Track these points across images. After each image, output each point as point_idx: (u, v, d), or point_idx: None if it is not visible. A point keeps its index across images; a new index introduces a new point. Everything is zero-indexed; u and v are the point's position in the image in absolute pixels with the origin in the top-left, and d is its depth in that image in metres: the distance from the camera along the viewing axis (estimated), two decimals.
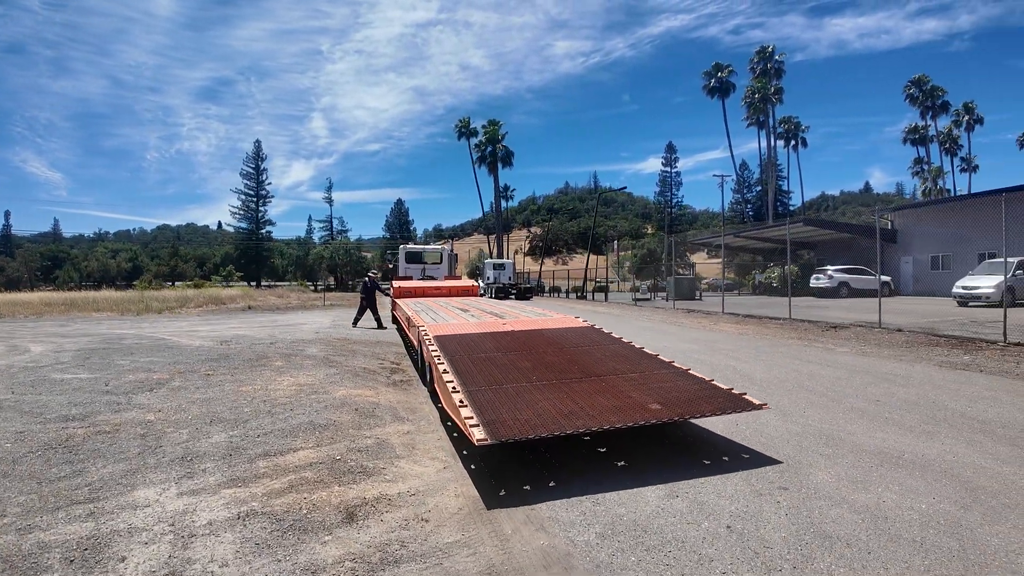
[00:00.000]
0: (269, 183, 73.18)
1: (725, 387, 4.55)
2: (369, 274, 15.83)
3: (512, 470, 3.84)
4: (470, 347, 5.92)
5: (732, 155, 69.92)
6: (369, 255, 75.08)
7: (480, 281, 32.10)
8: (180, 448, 4.14)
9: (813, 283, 25.28)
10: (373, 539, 2.77)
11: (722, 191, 46.67)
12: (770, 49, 48.55)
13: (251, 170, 70.73)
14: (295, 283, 59.98)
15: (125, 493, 3.29)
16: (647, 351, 5.84)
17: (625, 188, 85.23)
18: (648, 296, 29.64)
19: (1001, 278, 15.48)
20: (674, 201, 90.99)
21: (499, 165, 58.06)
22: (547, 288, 43.89)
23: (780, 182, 58.46)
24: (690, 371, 5.06)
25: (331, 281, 63.14)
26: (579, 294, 37.08)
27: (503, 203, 68.92)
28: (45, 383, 6.63)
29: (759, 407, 4.15)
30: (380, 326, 14.58)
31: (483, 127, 57.72)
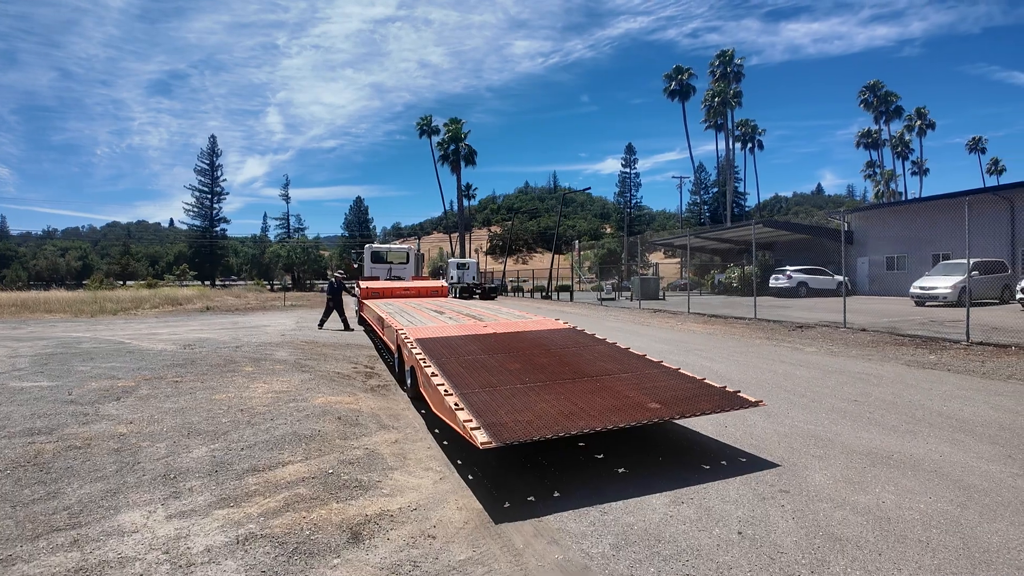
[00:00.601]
0: (224, 180, 70.90)
1: (718, 385, 4.58)
2: (335, 274, 15.43)
3: (511, 480, 3.75)
4: (455, 350, 5.80)
5: (692, 157, 71.77)
6: (327, 254, 73.53)
7: (444, 281, 31.69)
8: (160, 464, 3.87)
9: (772, 283, 26.06)
10: (383, 560, 2.63)
11: (680, 193, 47.99)
12: (730, 53, 49.87)
13: (206, 166, 68.35)
14: (251, 282, 58.15)
15: (109, 517, 3.05)
16: (634, 351, 5.84)
17: (589, 189, 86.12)
18: (613, 296, 29.97)
19: (958, 278, 16.35)
20: (633, 202, 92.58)
21: (462, 164, 57.65)
22: (509, 288, 43.89)
23: (736, 184, 60.36)
24: (680, 370, 5.08)
25: (288, 280, 61.68)
26: (544, 294, 37.22)
27: (464, 202, 68.59)
28: (3, 392, 6.18)
29: (755, 404, 4.20)
30: (347, 327, 14.24)
31: (445, 125, 57.24)
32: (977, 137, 75.56)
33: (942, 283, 16.55)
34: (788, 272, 25.71)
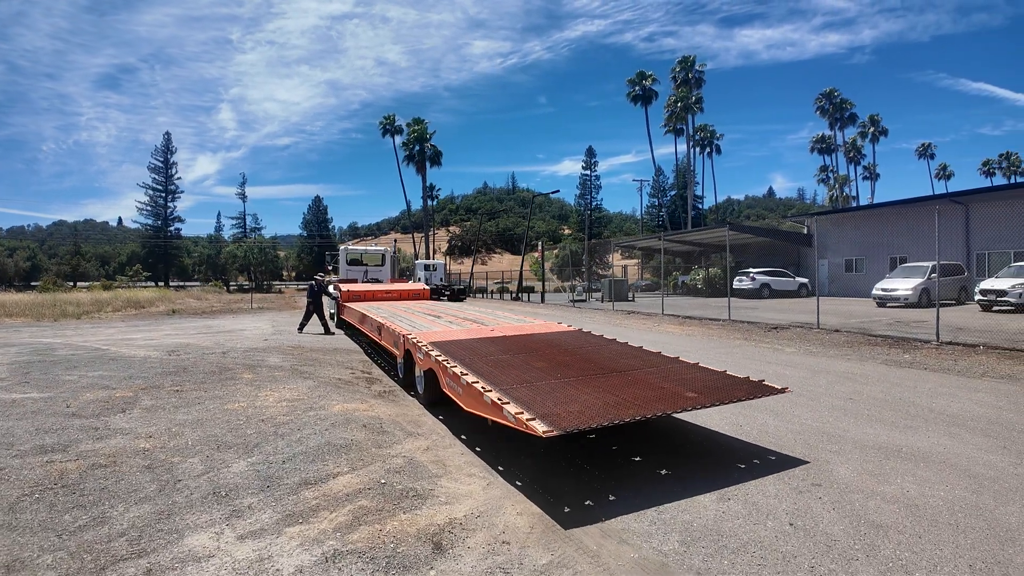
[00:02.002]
0: (179, 178, 68.29)
1: (741, 376, 4.83)
2: (316, 277, 15.18)
3: (560, 486, 3.87)
4: (474, 352, 5.86)
5: (653, 161, 73.32)
6: (282, 254, 71.60)
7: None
8: (204, 482, 3.81)
9: (736, 285, 27.07)
10: (473, 569, 2.72)
11: (641, 195, 49.12)
12: (691, 59, 51.43)
13: (159, 163, 65.77)
14: (209, 284, 56.17)
15: (174, 542, 2.98)
16: (647, 349, 6.07)
17: (557, 192, 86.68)
18: (584, 297, 30.44)
19: (918, 280, 17.44)
20: (593, 204, 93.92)
21: (427, 164, 57.29)
22: (473, 289, 43.92)
23: (694, 187, 61.99)
24: (699, 364, 5.32)
25: (244, 281, 60.01)
26: (514, 295, 37.41)
27: (419, 202, 68.36)
28: None
29: (781, 391, 4.47)
30: (327, 331, 14.02)
31: (408, 125, 56.88)
32: (926, 143, 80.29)
33: (903, 285, 17.63)
34: (752, 274, 26.78)
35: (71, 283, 53.22)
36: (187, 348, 10.78)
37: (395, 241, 40.06)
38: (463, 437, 5.09)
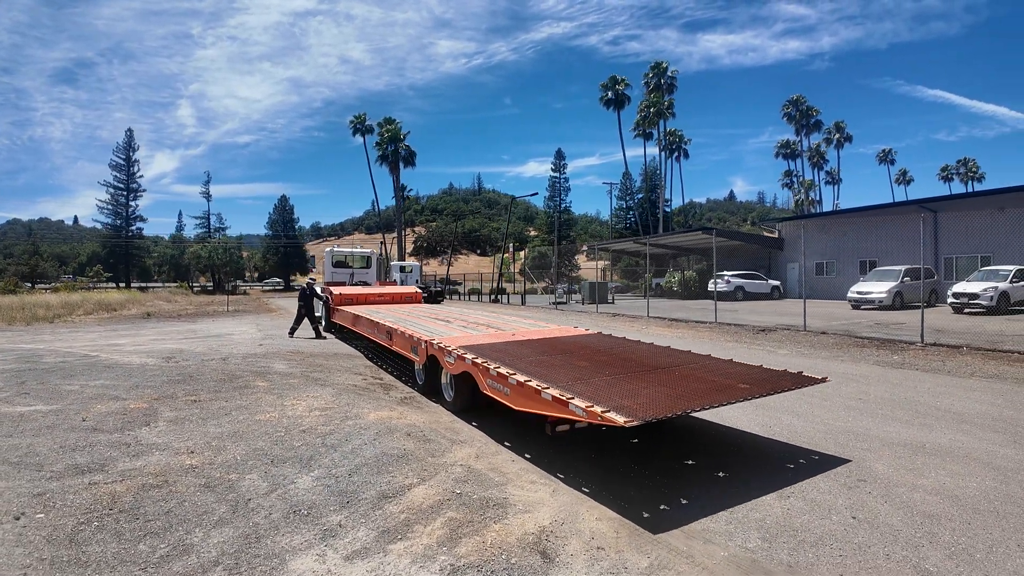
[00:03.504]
0: (141, 175, 65.85)
1: (779, 369, 5.10)
2: (308, 279, 14.97)
3: (621, 490, 4.02)
4: (511, 354, 5.84)
5: (626, 163, 74.70)
6: (245, 254, 69.76)
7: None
8: (276, 500, 3.77)
9: (711, 287, 27.86)
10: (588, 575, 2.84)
11: (611, 198, 49.80)
12: (664, 65, 52.50)
13: (121, 161, 63.48)
14: (175, 285, 54.31)
15: (278, 568, 2.91)
16: (675, 348, 6.30)
17: (535, 194, 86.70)
18: (565, 300, 30.78)
19: (891, 284, 18.39)
20: (562, 206, 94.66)
21: (401, 165, 56.77)
22: (447, 291, 43.78)
23: (661, 190, 63.37)
24: (733, 360, 5.57)
25: (205, 282, 58.32)
26: (492, 297, 37.50)
27: (389, 202, 67.89)
28: (3, 419, 5.59)
29: (822, 380, 4.79)
30: (319, 335, 13.84)
31: (379, 124, 56.38)
32: (887, 149, 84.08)
33: (877, 288, 18.58)
34: (726, 277, 27.63)
35: (28, 284, 50.69)
36: (182, 354, 10.48)
37: (381, 243, 39.54)
38: (507, 444, 5.19)
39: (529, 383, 4.44)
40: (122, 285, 56.23)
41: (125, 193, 63.82)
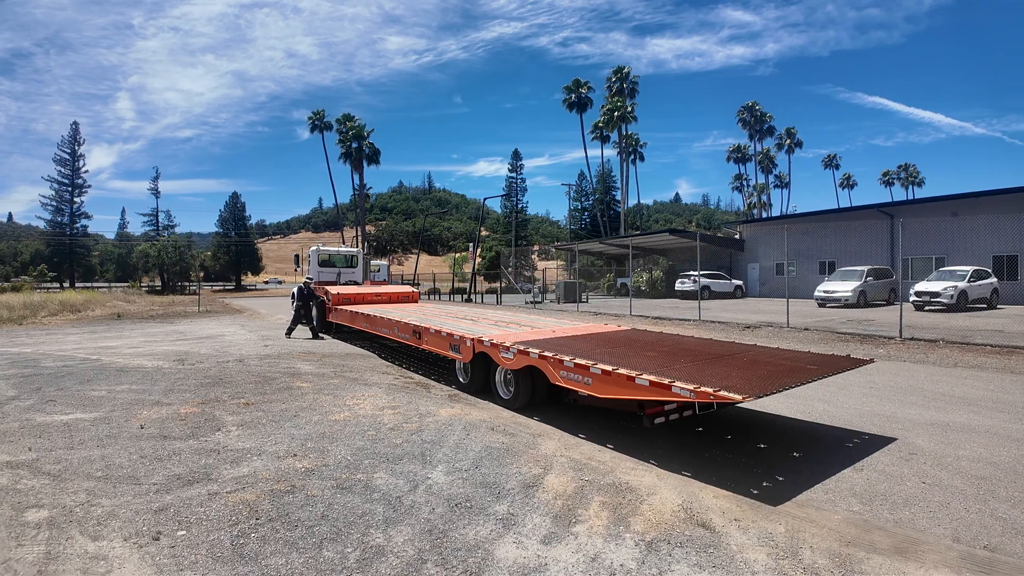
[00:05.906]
0: (86, 170, 62.13)
1: (827, 353, 5.75)
2: (305, 279, 14.81)
3: (715, 471, 4.49)
4: (572, 348, 5.96)
5: (588, 165, 76.15)
6: (195, 254, 66.99)
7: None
8: (428, 496, 3.86)
9: (679, 286, 29.25)
10: (751, 540, 3.44)
11: (569, 199, 50.75)
12: (627, 70, 54.08)
13: (66, 155, 60.39)
14: (124, 285, 51.49)
15: (488, 559, 3.02)
16: (718, 339, 6.84)
17: (507, 195, 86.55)
18: (540, 299, 31.30)
19: (856, 283, 19.88)
20: (519, 207, 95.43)
21: (364, 163, 55.93)
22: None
23: (615, 192, 65.24)
24: (780, 348, 6.17)
25: (149, 282, 55.62)
26: (466, 296, 37.61)
27: (341, 200, 67.11)
28: (49, 431, 5.39)
29: (870, 361, 5.66)
30: (316, 335, 13.78)
31: (338, 121, 55.70)
32: (832, 154, 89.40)
33: (842, 287, 20.10)
34: (693, 277, 28.91)
35: None
36: (190, 356, 10.25)
37: (360, 243, 38.75)
38: (581, 435, 5.50)
39: (618, 371, 4.71)
40: (66, 285, 52.97)
41: (70, 189, 60.86)
